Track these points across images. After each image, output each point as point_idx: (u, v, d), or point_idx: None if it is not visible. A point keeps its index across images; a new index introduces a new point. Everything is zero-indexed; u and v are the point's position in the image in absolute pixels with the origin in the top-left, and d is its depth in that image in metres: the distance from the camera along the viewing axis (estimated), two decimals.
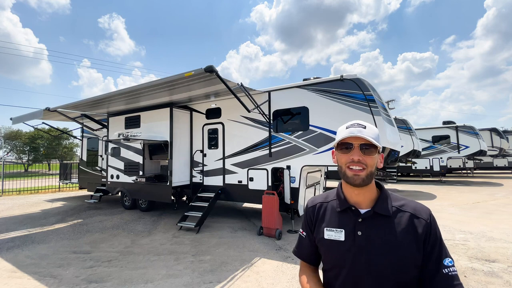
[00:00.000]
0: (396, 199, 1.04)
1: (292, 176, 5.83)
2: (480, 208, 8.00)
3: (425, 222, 0.97)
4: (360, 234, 0.98)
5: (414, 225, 0.96)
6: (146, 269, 4.02)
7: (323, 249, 1.08)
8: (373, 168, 0.99)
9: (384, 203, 1.01)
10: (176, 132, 7.03)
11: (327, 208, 1.12)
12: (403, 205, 1.01)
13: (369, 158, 0.98)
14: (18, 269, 4.13)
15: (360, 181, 0.97)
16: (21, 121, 8.33)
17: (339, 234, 1.02)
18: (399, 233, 0.95)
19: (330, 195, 1.16)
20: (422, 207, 1.01)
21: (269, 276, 3.76)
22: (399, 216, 0.98)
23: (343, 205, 1.05)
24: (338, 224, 1.04)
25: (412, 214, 0.98)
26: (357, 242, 0.98)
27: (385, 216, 0.98)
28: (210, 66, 4.48)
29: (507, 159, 19.61)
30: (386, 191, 1.06)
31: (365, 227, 0.99)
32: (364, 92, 5.19)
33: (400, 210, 1.00)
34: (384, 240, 0.95)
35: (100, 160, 9.84)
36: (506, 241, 4.98)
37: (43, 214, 8.20)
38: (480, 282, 3.48)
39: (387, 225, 0.97)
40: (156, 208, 8.41)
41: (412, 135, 12.47)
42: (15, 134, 32.65)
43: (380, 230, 0.97)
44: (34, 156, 33.14)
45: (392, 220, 0.98)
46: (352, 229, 1.00)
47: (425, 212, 0.99)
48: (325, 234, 1.05)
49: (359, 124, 1.01)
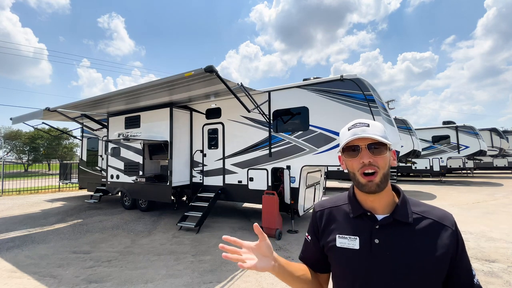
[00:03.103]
0: (416, 204, 0.95)
1: (292, 176, 5.82)
2: (480, 208, 8.00)
3: (451, 230, 0.89)
4: (378, 242, 0.89)
5: (439, 233, 0.88)
6: (146, 269, 4.02)
7: (335, 258, 0.98)
8: (386, 169, 0.90)
9: (404, 208, 0.92)
10: (176, 132, 7.03)
11: (338, 213, 1.02)
12: (424, 211, 0.93)
13: (380, 158, 0.89)
14: (18, 269, 4.13)
15: (375, 187, 0.88)
16: (21, 121, 8.33)
17: (353, 242, 0.93)
18: (422, 242, 0.87)
19: (340, 199, 1.06)
20: (445, 213, 0.93)
21: (269, 276, 3.76)
22: (421, 223, 0.90)
23: (358, 210, 0.96)
24: (351, 231, 0.95)
25: (436, 221, 0.90)
26: (374, 251, 0.89)
27: (406, 223, 0.89)
28: (210, 66, 4.48)
29: (507, 159, 19.61)
30: (405, 196, 0.96)
31: (383, 234, 0.89)
32: (364, 92, 5.19)
33: (423, 216, 0.91)
34: (405, 249, 0.86)
35: (100, 160, 9.84)
36: (506, 241, 4.98)
37: (43, 214, 8.19)
38: (480, 282, 3.48)
39: (408, 233, 0.88)
40: (156, 208, 8.41)
41: (412, 135, 12.47)
42: (15, 134, 32.65)
43: (401, 239, 0.88)
44: (34, 156, 33.14)
45: (413, 228, 0.89)
46: (368, 237, 0.91)
47: (449, 220, 0.91)
48: (337, 241, 0.96)
49: (362, 123, 0.93)
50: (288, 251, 4.69)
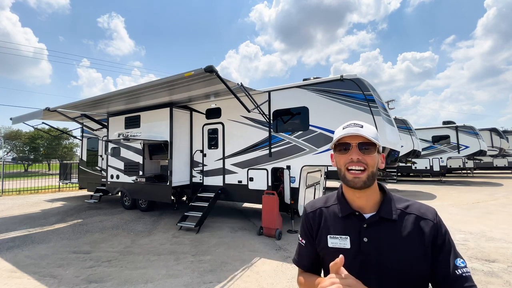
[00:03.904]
0: (399, 201, 1.00)
1: (292, 176, 5.82)
2: (480, 208, 8.00)
3: (432, 223, 0.94)
4: (366, 240, 0.95)
5: (421, 227, 0.93)
6: (146, 269, 4.02)
7: (328, 258, 1.01)
8: (374, 168, 0.95)
9: (388, 206, 0.97)
10: (176, 132, 7.03)
11: (328, 213, 1.06)
12: (407, 206, 0.98)
13: (369, 157, 0.94)
14: (18, 269, 4.13)
15: (361, 184, 0.93)
16: (21, 121, 8.33)
17: (344, 241, 0.98)
18: (406, 237, 0.92)
19: (330, 199, 1.10)
20: (427, 207, 0.98)
21: (269, 276, 3.76)
22: (405, 219, 0.95)
23: (346, 210, 1.00)
24: (342, 231, 0.99)
25: (418, 216, 0.95)
26: (363, 248, 0.94)
27: (391, 220, 0.95)
28: (210, 66, 4.48)
29: (507, 159, 19.61)
30: (390, 193, 1.02)
31: (371, 232, 0.95)
32: (364, 92, 5.19)
33: (406, 212, 0.97)
34: (391, 245, 0.92)
35: (100, 160, 9.84)
36: (506, 241, 4.98)
37: (43, 214, 8.19)
38: (480, 282, 3.47)
39: (393, 230, 0.94)
40: (156, 208, 8.40)
41: (412, 135, 12.48)
42: (15, 134, 32.66)
43: (387, 235, 0.94)
44: (34, 156, 33.15)
45: (398, 224, 0.94)
46: (357, 236, 0.96)
47: (431, 213, 0.97)
48: (329, 242, 1.00)
49: (356, 123, 0.98)
50: (288, 251, 4.69)
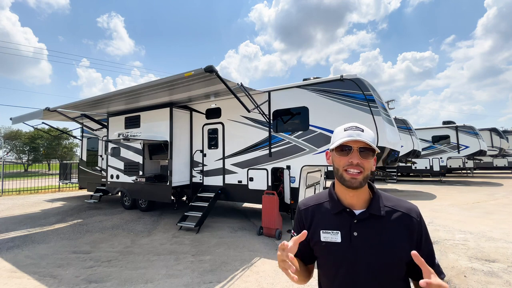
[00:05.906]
0: (387, 199, 1.08)
1: (292, 176, 5.82)
2: (480, 208, 7.99)
3: (417, 220, 1.03)
4: (356, 235, 1.02)
5: (407, 223, 1.02)
6: (146, 269, 4.02)
7: (320, 251, 1.09)
8: (369, 171, 1.03)
9: (377, 203, 1.05)
10: (176, 132, 7.03)
11: (321, 210, 1.13)
12: (395, 205, 1.07)
13: (366, 161, 1.01)
14: (18, 269, 4.13)
15: (357, 184, 1.01)
16: (21, 121, 8.34)
17: (335, 236, 1.05)
18: (393, 232, 1.01)
19: (322, 197, 1.17)
20: (412, 206, 1.07)
21: (269, 276, 3.76)
22: (392, 216, 1.04)
23: (338, 207, 1.08)
24: (334, 226, 1.07)
25: (404, 213, 1.04)
26: (354, 242, 1.02)
27: (379, 216, 1.03)
28: (210, 66, 4.48)
29: (507, 159, 19.59)
30: (378, 192, 1.10)
31: (361, 228, 1.03)
32: (364, 92, 5.19)
33: (393, 209, 1.05)
34: (379, 239, 1.00)
35: (100, 160, 9.84)
36: (506, 241, 4.98)
37: (43, 214, 8.19)
38: (480, 282, 3.47)
39: (381, 225, 1.02)
40: (156, 208, 8.41)
41: (412, 135, 12.47)
42: (15, 134, 32.65)
43: (375, 230, 1.02)
44: (34, 156, 33.14)
45: (386, 220, 1.03)
46: (348, 231, 1.03)
47: (415, 212, 1.05)
48: (322, 236, 1.07)
49: (357, 127, 1.04)
50: None
